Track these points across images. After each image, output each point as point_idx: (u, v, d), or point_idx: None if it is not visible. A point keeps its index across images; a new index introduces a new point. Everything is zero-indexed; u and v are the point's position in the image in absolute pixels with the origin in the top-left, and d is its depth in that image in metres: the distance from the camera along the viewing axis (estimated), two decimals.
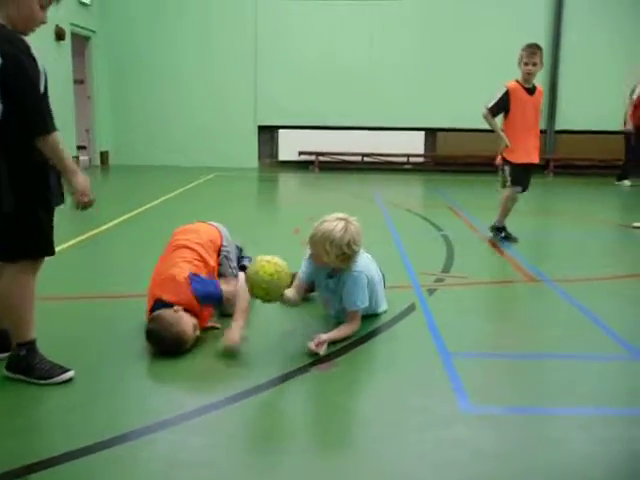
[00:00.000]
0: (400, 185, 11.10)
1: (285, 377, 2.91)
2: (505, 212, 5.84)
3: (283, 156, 12.91)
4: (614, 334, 3.55)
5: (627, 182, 10.90)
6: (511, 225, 5.99)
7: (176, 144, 12.71)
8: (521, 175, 5.67)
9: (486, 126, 5.85)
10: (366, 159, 12.83)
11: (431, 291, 4.32)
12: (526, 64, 5.47)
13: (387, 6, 12.29)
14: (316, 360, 3.08)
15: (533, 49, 5.51)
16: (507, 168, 5.65)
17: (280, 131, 12.85)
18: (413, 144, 12.86)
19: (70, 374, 2.81)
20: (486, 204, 8.64)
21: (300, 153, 12.66)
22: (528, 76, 5.51)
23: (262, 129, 12.92)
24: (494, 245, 5.83)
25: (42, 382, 2.76)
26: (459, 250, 5.58)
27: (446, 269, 4.93)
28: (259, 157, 13.07)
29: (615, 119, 11.06)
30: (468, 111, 12.28)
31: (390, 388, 2.85)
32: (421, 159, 13.02)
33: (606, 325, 3.69)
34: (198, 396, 2.74)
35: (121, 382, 2.87)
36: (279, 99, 12.58)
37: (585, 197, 9.88)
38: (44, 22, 2.68)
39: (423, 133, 12.83)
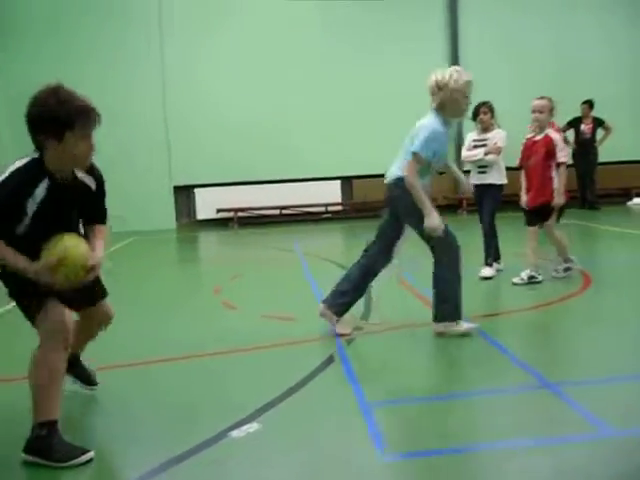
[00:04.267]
0: (319, 235, 11.23)
1: (201, 446, 2.83)
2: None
3: (201, 215, 12.85)
4: (525, 365, 3.66)
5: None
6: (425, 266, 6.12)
7: None
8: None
9: None
10: (285, 211, 12.94)
11: (350, 341, 4.35)
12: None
13: (294, 58, 12.59)
14: (237, 422, 3.02)
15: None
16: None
17: (196, 190, 12.82)
18: (330, 193, 13.08)
19: (91, 454, 2.71)
20: (404, 246, 8.85)
21: (218, 210, 12.64)
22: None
23: (178, 189, 12.85)
24: (410, 288, 5.95)
25: (61, 465, 2.65)
26: (377, 295, 5.65)
27: (364, 316, 4.98)
28: (177, 217, 12.94)
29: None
30: (380, 156, 12.64)
31: (309, 442, 2.83)
32: (339, 207, 13.24)
33: (515, 356, 3.81)
34: None
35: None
36: (193, 158, 12.57)
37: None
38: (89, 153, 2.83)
39: (339, 182, 13.08)
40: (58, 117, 2.62)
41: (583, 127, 12.20)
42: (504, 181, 6.25)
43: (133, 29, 12.28)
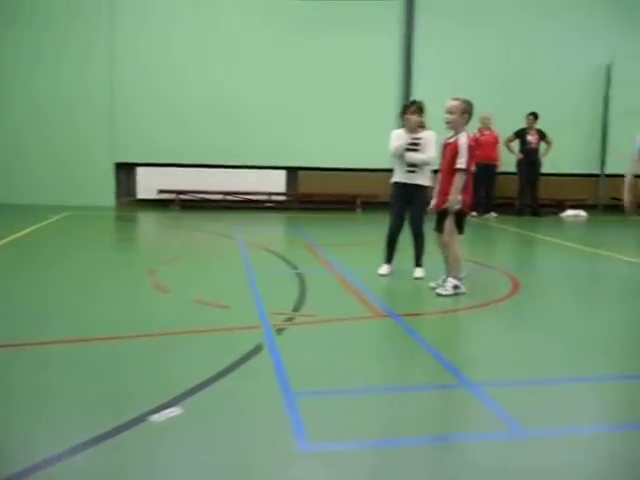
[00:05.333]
0: (261, 223, 11.19)
1: (119, 429, 2.80)
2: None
3: (142, 194, 12.61)
4: (448, 364, 3.75)
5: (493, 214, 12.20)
6: (362, 261, 6.20)
7: (33, 180, 12.05)
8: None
9: (345, 165, 6.06)
10: (228, 197, 12.84)
11: (280, 330, 4.36)
12: None
13: (248, 42, 12.47)
14: (158, 406, 2.99)
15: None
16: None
17: (139, 169, 12.57)
18: (275, 182, 13.05)
19: None
20: (343, 241, 8.93)
21: (160, 191, 12.44)
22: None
23: (120, 166, 12.57)
24: (345, 282, 6.01)
25: None
26: (312, 288, 5.69)
27: (297, 308, 5.00)
28: (116, 195, 12.67)
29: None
30: (328, 150, 12.78)
31: (230, 431, 2.83)
32: (283, 197, 13.23)
33: (441, 355, 3.90)
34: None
35: None
36: (138, 136, 12.33)
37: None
38: None
39: (284, 172, 13.06)
40: None
41: (529, 137, 12.59)
42: (430, 183, 6.17)
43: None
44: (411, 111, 6.12)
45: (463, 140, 5.36)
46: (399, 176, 6.22)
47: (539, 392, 3.42)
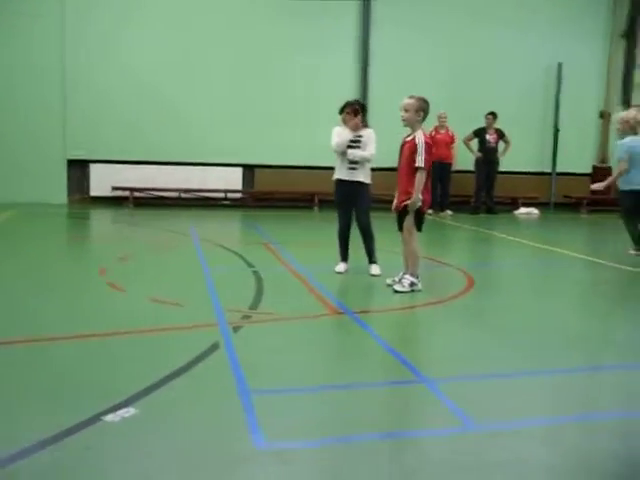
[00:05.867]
0: (217, 221, 11.11)
1: (73, 429, 2.74)
2: None
3: (95, 192, 12.35)
4: (403, 360, 3.79)
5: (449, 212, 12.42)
6: (319, 259, 6.20)
7: None
8: None
9: (302, 163, 6.08)
10: (183, 195, 12.69)
11: (236, 328, 4.34)
12: None
13: (202, 39, 12.33)
14: (113, 406, 2.94)
15: None
16: None
17: (92, 165, 12.31)
18: (231, 180, 12.95)
19: None
20: (300, 239, 8.93)
21: (114, 188, 12.21)
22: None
23: (72, 163, 12.28)
24: (302, 280, 6.01)
25: None
26: (269, 286, 5.68)
27: (254, 306, 4.98)
28: (68, 193, 12.38)
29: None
30: (285, 148, 12.76)
31: (186, 429, 2.80)
32: (239, 195, 13.14)
33: (395, 351, 3.94)
34: None
35: None
36: (90, 132, 12.06)
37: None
38: None
39: (241, 169, 12.98)
40: None
41: (488, 137, 12.82)
42: (370, 181, 6.26)
43: None
44: (347, 111, 6.19)
45: (420, 138, 5.38)
46: (341, 173, 6.28)
47: (492, 387, 3.49)
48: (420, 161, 5.35)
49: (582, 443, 2.85)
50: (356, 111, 6.19)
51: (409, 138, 5.49)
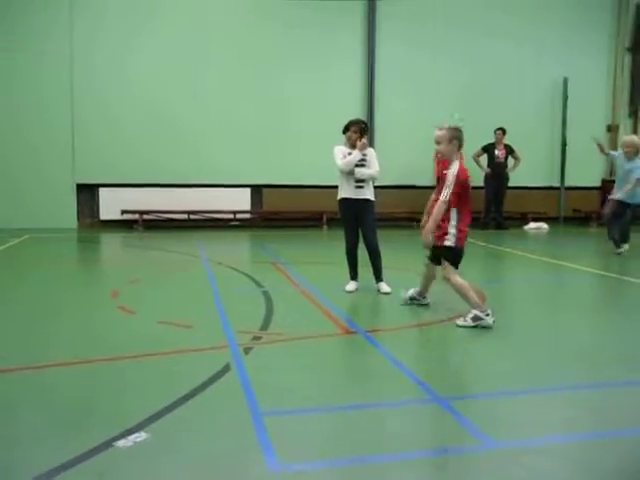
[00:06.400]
0: (226, 242, 11.12)
1: (85, 455, 2.71)
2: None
3: (105, 215, 12.41)
4: (417, 379, 3.75)
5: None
6: (329, 278, 6.16)
7: None
8: None
9: (309, 182, 6.10)
10: (192, 216, 12.73)
11: (247, 350, 4.31)
12: None
13: (208, 61, 12.46)
14: (124, 432, 2.92)
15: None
16: None
17: (101, 189, 12.39)
18: (240, 200, 12.99)
19: None
20: (309, 258, 8.91)
21: (123, 212, 12.27)
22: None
23: (81, 187, 12.37)
24: (312, 299, 5.98)
25: None
26: (279, 306, 5.65)
27: (264, 326, 4.95)
28: (78, 217, 12.44)
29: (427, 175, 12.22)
30: (292, 167, 12.80)
31: (199, 453, 2.77)
32: (248, 215, 13.17)
33: (409, 370, 3.89)
34: None
35: None
36: (99, 156, 12.15)
37: (399, 248, 10.48)
38: None
39: (249, 190, 13.02)
40: None
41: (497, 152, 12.84)
42: (374, 198, 6.31)
43: (42, 13, 11.74)
44: (354, 130, 6.25)
45: (451, 171, 5.12)
46: (347, 192, 6.30)
47: (508, 404, 3.44)
48: (445, 195, 5.07)
49: (603, 460, 2.80)
50: (362, 130, 6.26)
51: (446, 171, 5.20)
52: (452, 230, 5.16)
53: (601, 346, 4.66)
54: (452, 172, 5.12)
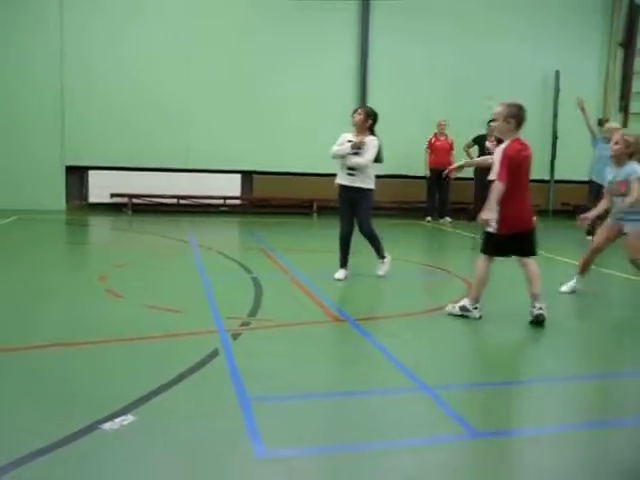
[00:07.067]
0: (216, 227, 11.10)
1: (71, 437, 2.71)
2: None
3: (94, 198, 12.33)
4: (402, 367, 3.77)
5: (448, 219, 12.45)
6: (318, 265, 6.17)
7: None
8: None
9: (300, 170, 6.09)
10: (182, 201, 12.68)
11: (236, 335, 4.32)
12: None
13: (201, 45, 12.35)
14: (111, 414, 2.92)
15: None
16: None
17: (90, 172, 12.30)
18: (230, 187, 12.94)
19: None
20: (299, 245, 8.91)
21: (112, 195, 12.20)
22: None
23: (70, 169, 12.27)
24: (301, 286, 5.99)
25: None
26: (268, 292, 5.66)
27: (253, 312, 4.96)
28: (67, 199, 12.36)
29: (418, 164, 12.27)
30: (283, 154, 12.76)
31: (186, 437, 2.78)
32: (238, 201, 13.13)
33: (396, 359, 3.92)
34: None
35: None
36: (89, 139, 12.06)
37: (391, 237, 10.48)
38: None
39: (239, 176, 12.97)
40: None
41: (488, 144, 12.82)
42: (372, 186, 6.28)
43: None
44: (358, 112, 6.25)
45: (502, 149, 4.88)
46: (341, 178, 6.35)
47: (493, 394, 3.47)
48: (494, 174, 4.95)
49: (587, 451, 2.84)
50: (367, 114, 6.22)
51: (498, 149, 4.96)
52: (494, 215, 4.90)
53: (589, 338, 4.71)
54: (501, 149, 4.88)
